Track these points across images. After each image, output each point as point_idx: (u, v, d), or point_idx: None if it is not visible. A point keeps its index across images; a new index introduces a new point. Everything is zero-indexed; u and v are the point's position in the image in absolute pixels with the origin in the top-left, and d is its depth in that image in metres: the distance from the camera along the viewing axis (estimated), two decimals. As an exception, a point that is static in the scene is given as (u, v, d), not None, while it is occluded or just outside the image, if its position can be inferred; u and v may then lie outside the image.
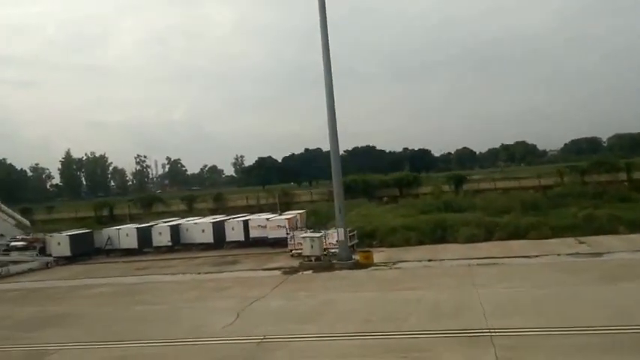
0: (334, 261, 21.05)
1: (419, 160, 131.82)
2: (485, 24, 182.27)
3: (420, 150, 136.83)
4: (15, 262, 26.80)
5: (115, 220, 43.01)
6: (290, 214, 30.38)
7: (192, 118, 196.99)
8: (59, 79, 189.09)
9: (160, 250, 29.47)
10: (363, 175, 45.55)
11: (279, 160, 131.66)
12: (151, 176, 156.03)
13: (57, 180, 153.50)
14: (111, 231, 30.76)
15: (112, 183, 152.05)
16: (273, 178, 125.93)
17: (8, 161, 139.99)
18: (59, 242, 29.01)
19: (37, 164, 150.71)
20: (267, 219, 28.90)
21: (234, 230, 29.38)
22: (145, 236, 29.94)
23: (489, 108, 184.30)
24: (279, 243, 27.62)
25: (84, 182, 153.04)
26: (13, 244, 30.33)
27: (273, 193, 46.52)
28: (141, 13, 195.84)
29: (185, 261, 26.09)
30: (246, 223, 29.33)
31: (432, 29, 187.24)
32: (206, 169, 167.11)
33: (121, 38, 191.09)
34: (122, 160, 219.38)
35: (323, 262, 21.11)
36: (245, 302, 15.82)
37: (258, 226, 29.00)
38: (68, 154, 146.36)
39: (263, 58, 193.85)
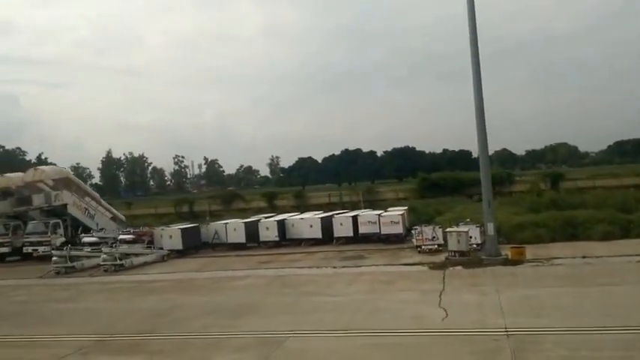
0: (483, 257, 20.59)
1: (459, 160, 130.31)
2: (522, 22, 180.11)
3: (460, 151, 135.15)
4: (136, 255, 26.90)
5: (195, 216, 43.17)
6: (398, 211, 30.08)
7: (221, 119, 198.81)
8: (91, 80, 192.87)
9: (268, 245, 29.36)
10: (451, 173, 44.89)
11: (319, 161, 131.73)
12: (188, 176, 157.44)
13: (96, 179, 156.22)
14: (218, 225, 30.78)
15: (152, 182, 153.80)
16: (313, 179, 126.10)
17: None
18: (171, 235, 29.09)
19: (78, 164, 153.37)
20: (380, 215, 28.60)
21: (342, 226, 29.14)
22: (251, 231, 29.89)
23: (527, 108, 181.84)
24: (391, 239, 27.40)
25: (122, 182, 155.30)
26: (121, 237, 30.58)
27: (356, 190, 46.19)
28: (169, 15, 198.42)
29: (304, 255, 25.88)
30: (355, 218, 29.08)
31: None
32: (241, 169, 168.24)
33: (151, 40, 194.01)
34: (156, 160, 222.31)
35: (471, 258, 20.66)
36: (430, 295, 15.43)
37: (368, 222, 28.73)
38: (109, 153, 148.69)
39: (291, 59, 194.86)
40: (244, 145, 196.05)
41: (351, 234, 28.76)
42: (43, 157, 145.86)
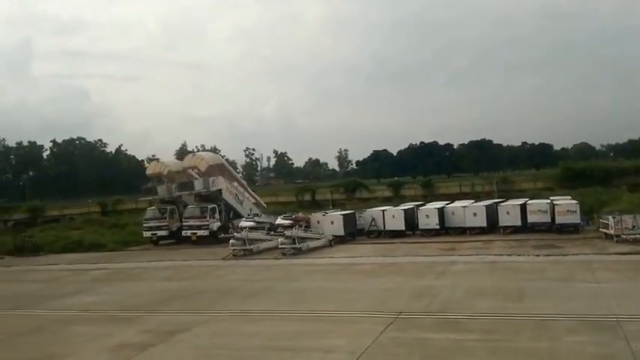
0: None
1: (539, 154, 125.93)
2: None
3: (540, 144, 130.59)
4: (309, 239, 26.87)
5: (317, 205, 43.17)
6: (567, 200, 28.84)
7: (284, 113, 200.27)
8: (158, 74, 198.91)
9: (429, 233, 28.72)
10: (596, 162, 42.83)
11: (394, 154, 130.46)
12: (259, 168, 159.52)
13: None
14: (375, 212, 30.42)
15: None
16: (387, 172, 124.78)
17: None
18: (332, 221, 28.95)
19: (153, 155, 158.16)
20: (554, 203, 27.42)
21: (509, 214, 28.11)
22: (410, 218, 29.36)
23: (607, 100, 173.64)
24: (565, 229, 26.21)
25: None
26: (279, 221, 30.82)
27: (490, 180, 44.99)
28: (234, 10, 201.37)
29: (484, 244, 24.94)
30: (523, 207, 28.01)
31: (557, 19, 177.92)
32: (309, 162, 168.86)
33: (216, 34, 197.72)
34: (224, 153, 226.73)
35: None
36: None
37: (539, 210, 27.61)
38: (184, 146, 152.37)
39: (355, 51, 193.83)
40: (308, 138, 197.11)
41: (518, 223, 27.71)
42: (122, 148, 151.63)
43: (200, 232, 30.89)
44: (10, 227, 43.14)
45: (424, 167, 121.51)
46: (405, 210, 29.91)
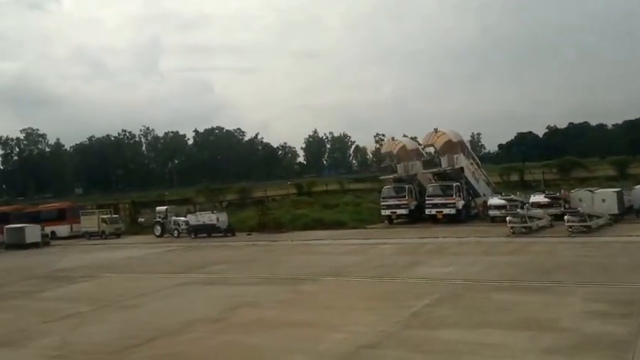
0: None
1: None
2: None
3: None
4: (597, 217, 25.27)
5: (525, 186, 41.21)
6: None
7: (402, 98, 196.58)
8: (276, 64, 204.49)
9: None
10: None
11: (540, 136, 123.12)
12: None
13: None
14: None
15: (354, 161, 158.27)
16: (534, 154, 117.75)
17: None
18: (604, 199, 27.05)
19: (285, 143, 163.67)
20: None
21: None
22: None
23: None
24: None
25: (324, 161, 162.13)
26: (533, 199, 29.50)
27: None
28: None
29: None
30: None
31: None
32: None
33: (330, 22, 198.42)
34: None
35: None
36: None
37: None
38: (315, 133, 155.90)
39: (470, 31, 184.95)
40: (427, 123, 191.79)
41: None
42: (259, 137, 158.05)
43: (446, 211, 30.48)
44: (224, 207, 46.05)
45: (574, 149, 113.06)
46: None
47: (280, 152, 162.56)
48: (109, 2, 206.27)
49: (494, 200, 29.90)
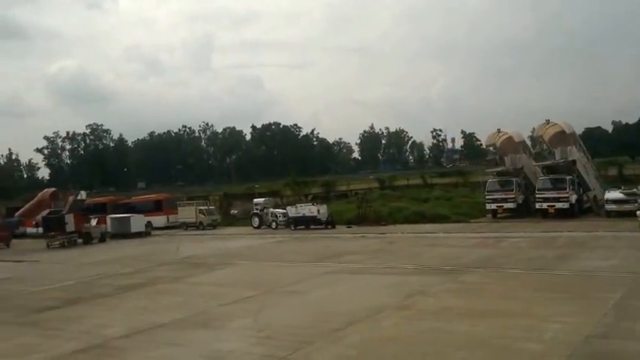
0: None
1: None
2: None
3: None
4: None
5: (624, 180, 39.49)
6: None
7: (451, 93, 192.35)
8: (325, 59, 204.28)
9: None
10: None
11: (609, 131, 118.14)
12: (445, 150, 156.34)
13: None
14: None
15: (410, 157, 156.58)
16: (604, 150, 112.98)
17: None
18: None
19: (340, 139, 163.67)
20: None
21: None
22: None
23: None
24: None
25: (380, 156, 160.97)
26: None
27: None
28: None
29: None
30: None
31: None
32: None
33: (380, 16, 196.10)
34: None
35: None
36: None
37: None
38: (372, 128, 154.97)
39: (524, 26, 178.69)
40: (477, 118, 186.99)
41: None
42: (315, 132, 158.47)
43: (559, 205, 29.53)
44: (310, 200, 46.34)
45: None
46: None
47: (336, 147, 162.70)
48: (163, 1, 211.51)
49: (613, 194, 28.79)
